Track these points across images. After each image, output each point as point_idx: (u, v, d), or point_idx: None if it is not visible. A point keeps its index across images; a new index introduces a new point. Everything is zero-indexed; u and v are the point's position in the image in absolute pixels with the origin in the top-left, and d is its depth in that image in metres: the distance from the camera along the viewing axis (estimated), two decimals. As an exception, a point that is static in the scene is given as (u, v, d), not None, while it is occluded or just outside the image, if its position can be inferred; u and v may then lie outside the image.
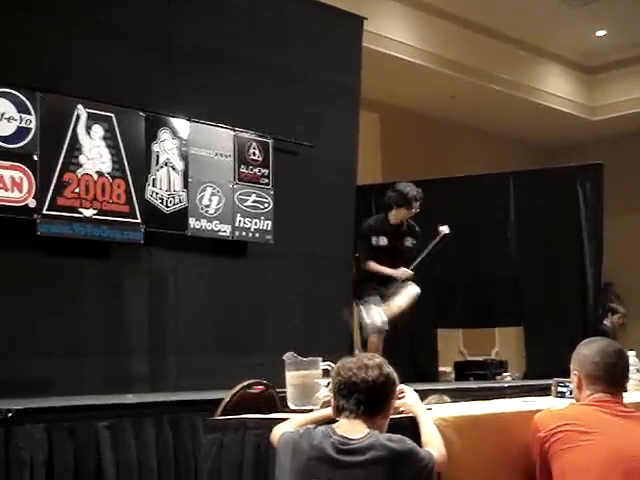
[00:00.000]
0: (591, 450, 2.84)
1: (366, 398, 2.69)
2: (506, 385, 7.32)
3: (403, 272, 7.01)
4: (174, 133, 6.61)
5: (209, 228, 6.75)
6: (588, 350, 3.09)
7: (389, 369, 2.76)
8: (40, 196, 5.77)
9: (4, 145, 5.66)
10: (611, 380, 3.03)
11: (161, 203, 6.47)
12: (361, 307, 7.02)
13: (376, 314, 6.91)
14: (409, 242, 7.19)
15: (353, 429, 2.67)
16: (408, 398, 2.95)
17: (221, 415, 3.37)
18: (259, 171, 7.09)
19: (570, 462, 2.86)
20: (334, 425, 2.72)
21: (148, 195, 6.39)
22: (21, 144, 5.74)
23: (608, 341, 3.18)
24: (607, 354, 3.05)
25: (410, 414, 2.89)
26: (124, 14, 6.48)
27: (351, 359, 2.78)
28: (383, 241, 7.09)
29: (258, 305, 7.18)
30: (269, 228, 7.09)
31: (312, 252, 7.54)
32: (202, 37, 6.92)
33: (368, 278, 7.08)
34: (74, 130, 6.02)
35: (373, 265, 7.06)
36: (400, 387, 2.98)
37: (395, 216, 7.12)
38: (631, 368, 3.46)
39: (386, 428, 2.75)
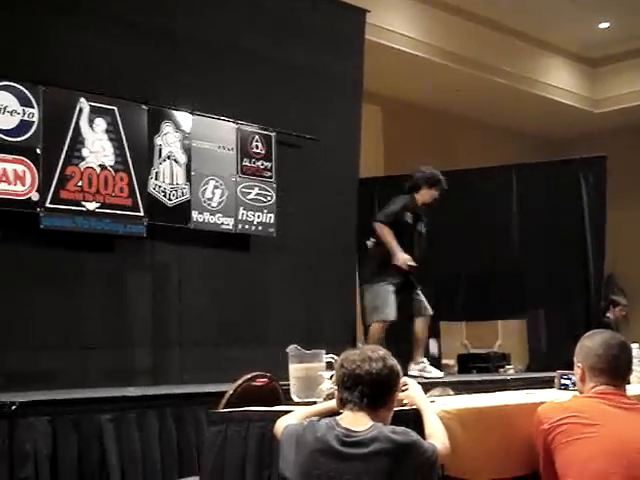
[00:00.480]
0: (595, 442, 2.84)
1: (370, 390, 2.69)
2: (509, 378, 7.32)
3: (405, 260, 6.74)
4: (177, 126, 6.61)
5: (212, 221, 6.75)
6: (592, 342, 3.09)
7: (393, 361, 2.76)
8: (43, 189, 5.78)
9: (7, 138, 5.66)
10: (614, 372, 3.03)
11: (164, 196, 6.48)
12: (376, 290, 6.81)
13: (391, 301, 6.74)
14: (422, 228, 7.08)
15: (357, 421, 2.67)
16: (411, 390, 2.95)
17: (225, 408, 3.38)
18: (262, 164, 7.09)
19: (574, 454, 2.86)
20: (338, 417, 2.72)
21: (151, 188, 6.39)
22: (24, 137, 5.74)
23: (612, 333, 3.19)
24: (610, 346, 3.05)
25: (413, 406, 2.90)
26: (127, 7, 6.47)
27: (355, 351, 2.78)
28: (408, 218, 6.93)
29: (261, 298, 7.18)
30: (272, 221, 7.09)
31: (315, 245, 7.54)
32: (205, 30, 6.92)
33: (388, 264, 6.77)
34: (77, 123, 6.02)
35: (387, 231, 6.77)
36: (403, 379, 2.99)
37: (422, 197, 6.99)
38: (634, 360, 3.46)
39: (390, 420, 2.75)
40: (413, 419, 2.82)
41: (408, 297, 6.91)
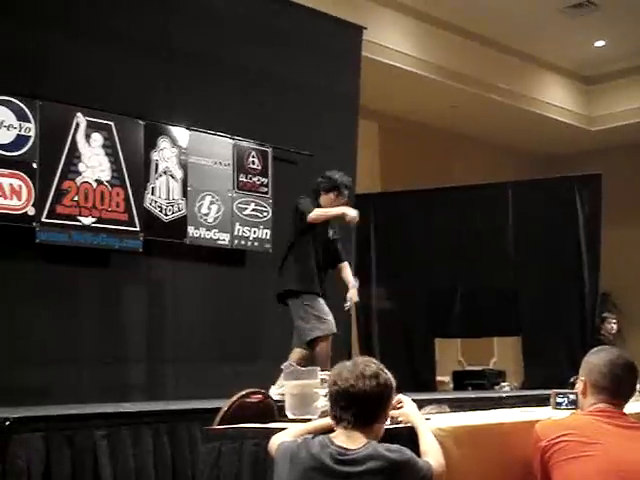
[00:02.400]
0: (592, 461, 2.83)
1: (364, 409, 2.67)
2: (504, 395, 7.30)
3: (354, 214, 5.98)
4: (173, 141, 6.62)
5: (208, 237, 6.75)
6: (597, 359, 3.07)
7: (386, 375, 2.73)
8: (39, 204, 5.78)
9: (3, 153, 5.67)
10: (616, 392, 3.02)
11: (160, 211, 6.48)
12: (310, 305, 5.88)
13: (329, 314, 5.98)
14: (331, 234, 6.24)
15: (351, 439, 2.66)
16: (406, 408, 2.94)
17: (219, 424, 3.37)
18: (258, 180, 7.10)
19: (571, 472, 2.85)
20: (332, 435, 2.71)
21: (147, 203, 6.40)
22: (20, 152, 5.75)
23: (619, 352, 3.13)
24: (616, 366, 3.03)
25: (408, 424, 2.89)
26: (124, 23, 6.49)
27: (347, 366, 2.73)
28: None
29: (256, 314, 7.17)
30: (268, 237, 7.09)
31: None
32: (202, 46, 6.94)
33: (312, 273, 5.99)
34: (73, 138, 6.03)
35: (320, 211, 5.98)
36: (398, 397, 2.98)
37: (323, 202, 6.11)
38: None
39: (383, 432, 2.74)
40: (408, 437, 2.81)
41: None
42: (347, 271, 6.30)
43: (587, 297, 8.50)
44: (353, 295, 6.19)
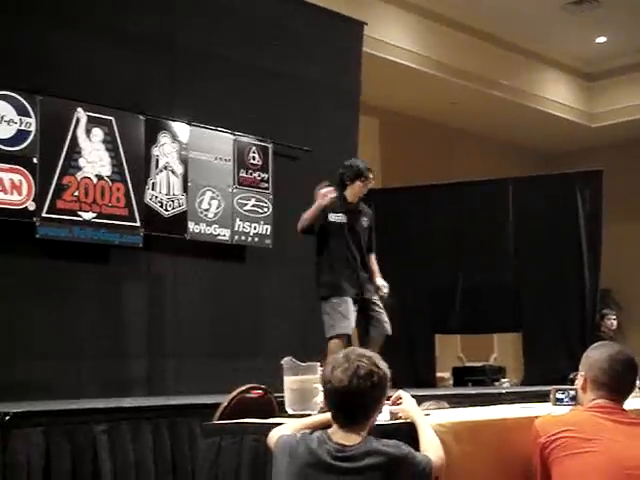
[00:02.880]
0: (592, 457, 2.83)
1: (359, 408, 2.66)
2: (504, 391, 7.31)
3: (325, 192, 6.08)
4: (174, 137, 6.62)
5: (208, 232, 6.75)
6: (598, 354, 3.06)
7: (381, 370, 2.68)
8: (39, 199, 5.78)
9: (4, 148, 5.67)
10: (616, 388, 3.01)
11: (160, 207, 6.48)
12: (338, 304, 6.10)
13: (352, 313, 6.15)
14: (365, 222, 6.45)
15: (348, 435, 2.65)
16: (406, 404, 2.94)
17: (219, 419, 3.37)
18: (258, 175, 7.10)
19: (570, 469, 2.85)
20: (330, 431, 2.70)
21: (147, 199, 6.40)
22: (21, 147, 5.75)
23: (620, 348, 3.13)
24: (616, 362, 3.02)
25: (408, 420, 2.89)
26: (125, 17, 6.49)
27: (340, 363, 2.67)
28: (340, 218, 6.24)
29: (257, 309, 7.18)
30: (268, 232, 7.09)
31: (311, 256, 7.51)
32: (203, 41, 6.93)
33: (340, 274, 6.21)
34: (74, 133, 6.03)
35: (304, 216, 6.18)
36: (398, 393, 2.98)
37: (352, 192, 6.35)
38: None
39: (376, 419, 2.73)
40: (408, 432, 2.81)
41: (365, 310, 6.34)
42: (373, 264, 6.44)
43: (587, 293, 8.49)
44: (382, 285, 6.31)
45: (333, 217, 6.23)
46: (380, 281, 6.34)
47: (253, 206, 7.04)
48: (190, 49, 6.85)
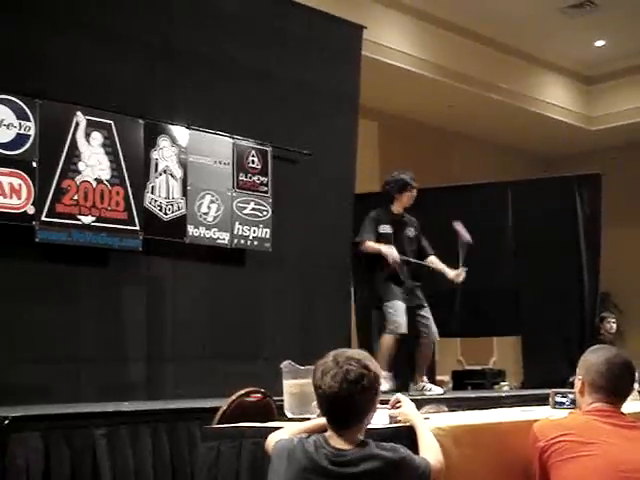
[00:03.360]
0: (590, 462, 2.83)
1: (352, 411, 2.66)
2: (504, 394, 7.31)
3: (393, 257, 6.86)
4: (173, 140, 6.61)
5: (208, 236, 6.74)
6: (595, 358, 3.06)
7: (371, 372, 2.65)
8: (39, 203, 5.77)
9: (3, 152, 5.65)
10: (614, 391, 3.01)
11: (160, 210, 6.47)
12: (388, 305, 6.88)
13: (403, 315, 6.86)
14: (412, 232, 7.20)
15: (344, 440, 2.65)
16: (405, 408, 2.94)
17: (218, 423, 3.37)
18: (258, 179, 7.10)
19: (570, 473, 2.85)
20: (327, 435, 2.70)
21: (147, 202, 6.39)
22: (20, 151, 5.74)
23: (617, 351, 3.13)
24: (613, 365, 3.02)
25: (407, 423, 2.89)
26: (124, 21, 6.49)
27: (329, 367, 2.65)
28: (388, 230, 7.04)
29: (256, 313, 7.17)
30: (268, 236, 7.09)
31: (310, 260, 7.54)
32: (201, 45, 6.93)
33: (390, 278, 6.95)
34: (73, 137, 6.02)
35: (368, 244, 6.97)
36: (396, 396, 2.98)
37: (399, 204, 7.13)
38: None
39: (371, 418, 2.73)
40: (407, 436, 2.81)
41: (413, 316, 7.00)
42: (437, 263, 7.30)
43: (587, 297, 8.49)
44: (456, 275, 7.13)
45: (381, 229, 7.00)
46: (452, 272, 7.18)
47: (252, 210, 7.04)
48: (189, 53, 6.85)
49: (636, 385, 3.50)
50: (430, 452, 2.73)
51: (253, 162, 7.08)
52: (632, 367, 3.12)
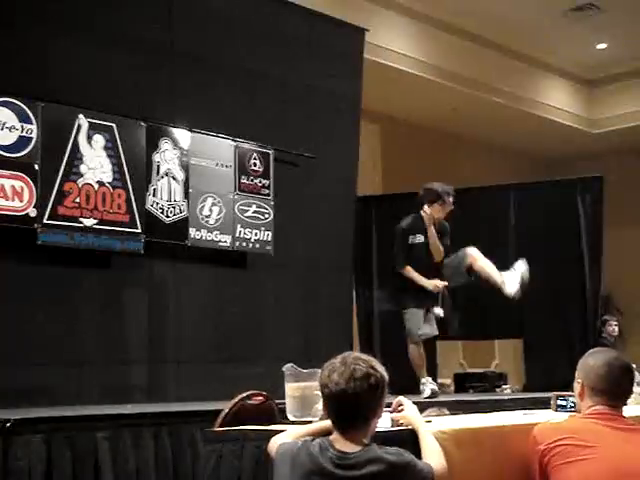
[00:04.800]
0: (591, 464, 2.83)
1: (358, 411, 2.66)
2: (506, 397, 7.30)
3: (435, 285, 6.87)
4: (175, 143, 6.62)
5: (209, 238, 6.75)
6: (594, 361, 3.06)
7: (377, 373, 2.68)
8: (41, 205, 5.78)
9: (5, 154, 5.66)
10: (614, 394, 3.01)
11: (161, 213, 6.48)
12: (409, 313, 6.90)
13: (424, 320, 6.91)
14: (445, 241, 7.05)
15: (349, 442, 2.65)
16: (407, 411, 2.94)
17: (220, 426, 3.37)
18: (260, 182, 7.10)
19: (570, 477, 2.85)
20: (331, 438, 2.70)
21: (149, 205, 6.40)
22: (22, 153, 5.74)
23: (616, 354, 3.14)
24: (613, 367, 3.02)
25: (409, 427, 2.88)
26: (126, 24, 6.50)
27: (337, 367, 2.68)
28: (419, 239, 6.93)
29: (258, 316, 7.18)
30: (269, 239, 7.09)
31: (312, 262, 7.54)
32: (204, 47, 6.94)
33: (412, 285, 6.90)
34: (75, 140, 6.03)
35: (409, 270, 6.88)
36: (399, 399, 2.98)
37: (430, 213, 6.92)
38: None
39: (377, 424, 2.73)
40: (409, 439, 2.81)
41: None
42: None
43: (589, 299, 8.48)
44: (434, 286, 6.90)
45: (411, 239, 6.92)
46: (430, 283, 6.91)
47: (254, 212, 7.04)
48: (191, 56, 6.85)
49: (638, 388, 3.50)
50: (433, 456, 2.73)
51: (255, 165, 7.08)
52: (631, 369, 3.12)
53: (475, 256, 6.91)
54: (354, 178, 8.07)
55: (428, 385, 6.79)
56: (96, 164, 6.12)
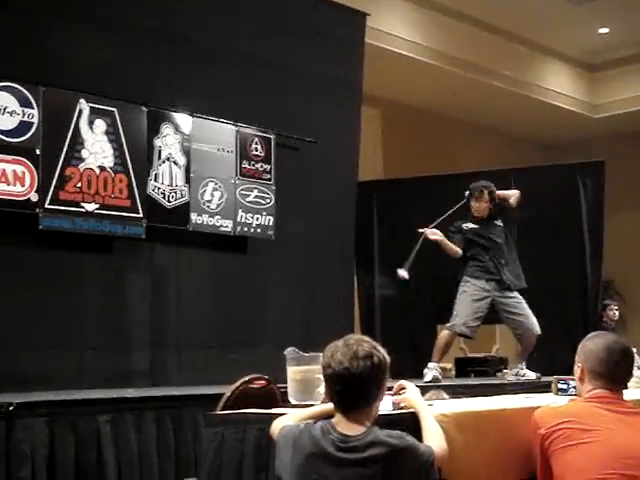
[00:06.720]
0: (592, 448, 2.83)
1: (360, 391, 2.66)
2: (507, 382, 7.31)
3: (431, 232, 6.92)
4: (176, 128, 6.62)
5: (211, 223, 6.75)
6: (594, 345, 3.06)
7: (380, 353, 2.69)
8: (42, 190, 5.79)
9: (6, 139, 5.67)
10: (614, 377, 3.01)
11: (163, 198, 6.48)
12: (460, 294, 7.04)
13: (468, 313, 6.97)
14: (496, 237, 7.13)
15: (352, 425, 2.65)
16: (409, 393, 2.94)
17: (222, 410, 3.38)
18: (261, 166, 7.10)
19: (571, 460, 2.85)
20: (333, 421, 2.70)
21: (150, 190, 6.40)
22: (23, 138, 5.75)
23: (615, 338, 3.14)
24: (613, 351, 3.02)
25: (411, 409, 2.89)
26: (127, 9, 6.49)
27: (340, 347, 2.69)
28: (469, 234, 7.02)
29: (259, 300, 7.19)
30: (271, 223, 7.09)
31: (313, 247, 7.55)
32: (205, 33, 6.93)
33: (479, 269, 7.01)
34: (76, 124, 6.03)
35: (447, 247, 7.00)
36: (401, 382, 2.98)
37: (472, 209, 7.07)
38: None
39: (379, 407, 2.74)
40: (410, 422, 2.82)
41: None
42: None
43: (590, 285, 8.49)
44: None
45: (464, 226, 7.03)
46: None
47: (255, 197, 7.05)
48: (192, 40, 6.84)
49: (637, 372, 3.51)
50: (434, 439, 2.73)
51: (256, 149, 7.08)
52: (631, 353, 3.12)
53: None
54: (355, 163, 8.07)
55: (432, 370, 6.80)
56: (97, 149, 6.12)
